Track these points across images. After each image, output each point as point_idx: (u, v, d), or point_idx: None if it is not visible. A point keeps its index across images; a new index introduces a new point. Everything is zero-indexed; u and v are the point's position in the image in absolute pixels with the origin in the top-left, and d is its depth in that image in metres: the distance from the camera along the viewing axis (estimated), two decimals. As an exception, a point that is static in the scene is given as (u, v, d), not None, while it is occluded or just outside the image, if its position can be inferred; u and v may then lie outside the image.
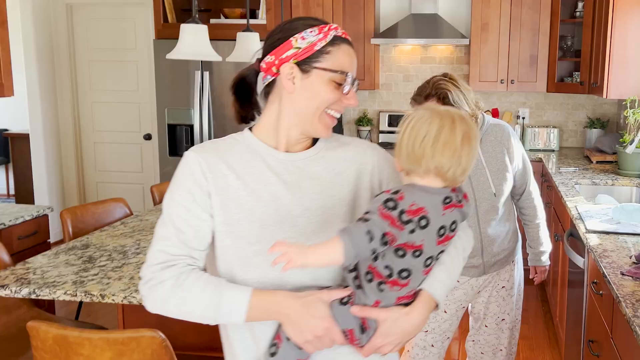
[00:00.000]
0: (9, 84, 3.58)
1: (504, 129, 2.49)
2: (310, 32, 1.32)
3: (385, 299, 1.28)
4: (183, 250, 1.32)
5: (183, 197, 1.33)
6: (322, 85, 1.32)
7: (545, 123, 5.28)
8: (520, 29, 4.88)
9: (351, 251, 1.21)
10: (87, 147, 6.03)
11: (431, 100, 2.30)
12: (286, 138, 1.39)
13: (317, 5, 5.13)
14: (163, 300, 1.30)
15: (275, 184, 1.35)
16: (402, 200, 1.23)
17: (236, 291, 1.28)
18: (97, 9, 5.74)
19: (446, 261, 1.36)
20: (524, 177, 2.57)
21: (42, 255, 2.41)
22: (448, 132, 1.25)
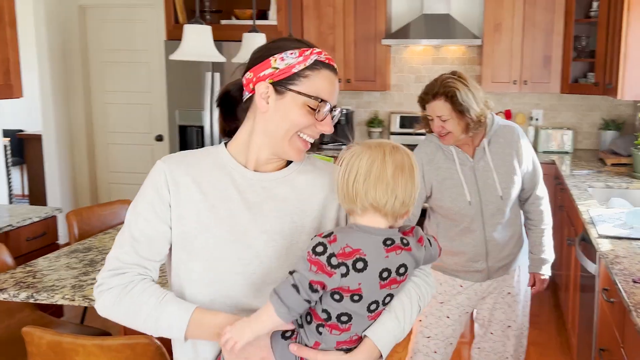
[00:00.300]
0: (18, 85, 3.59)
1: (513, 130, 2.43)
2: (291, 54, 1.31)
3: (324, 341, 1.25)
4: (135, 260, 1.32)
5: (143, 207, 1.33)
6: (295, 108, 1.30)
7: (559, 125, 5.20)
8: (533, 29, 4.81)
9: (282, 309, 1.19)
10: (100, 148, 6.04)
11: (439, 99, 2.25)
12: (256, 157, 1.37)
13: (328, 6, 5.10)
14: (109, 306, 1.31)
15: (236, 202, 1.34)
16: (334, 243, 1.20)
17: (178, 308, 1.28)
18: (109, 10, 5.75)
19: (396, 308, 1.30)
20: (533, 181, 2.50)
21: (43, 259, 2.40)
22: (379, 166, 1.23)
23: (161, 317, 1.27)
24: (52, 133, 5.74)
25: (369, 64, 5.12)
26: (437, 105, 2.26)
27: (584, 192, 3.46)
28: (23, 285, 2.13)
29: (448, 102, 2.24)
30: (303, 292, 1.18)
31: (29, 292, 2.06)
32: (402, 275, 1.26)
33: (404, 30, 4.97)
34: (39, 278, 2.20)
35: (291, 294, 1.18)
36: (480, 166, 2.37)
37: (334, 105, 1.35)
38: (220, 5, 5.29)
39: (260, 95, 1.31)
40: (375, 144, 1.26)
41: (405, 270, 1.26)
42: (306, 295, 1.18)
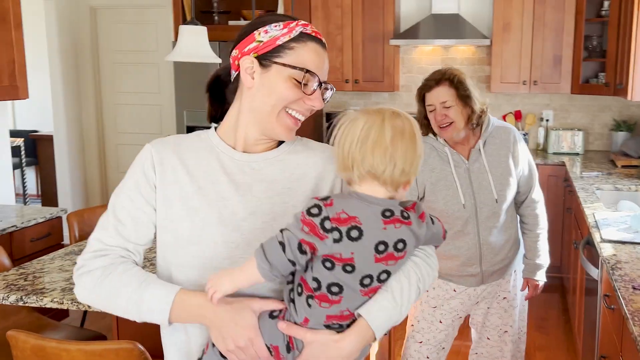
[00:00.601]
0: (24, 86, 3.62)
1: (509, 131, 2.39)
2: (275, 27, 1.26)
3: (313, 316, 1.18)
4: (118, 242, 1.29)
5: (129, 188, 1.30)
6: (280, 81, 1.26)
7: (570, 125, 5.12)
8: (543, 29, 4.73)
9: (264, 265, 1.14)
10: (110, 149, 6.07)
11: (443, 84, 2.23)
12: (244, 137, 1.32)
13: (336, 6, 5.07)
14: (90, 289, 1.27)
15: (225, 184, 1.30)
16: (330, 206, 1.14)
17: (161, 289, 1.23)
18: (120, 11, 5.78)
19: (393, 288, 1.23)
20: (529, 184, 2.46)
21: (37, 261, 2.40)
22: (377, 130, 1.16)
23: (143, 299, 1.22)
24: (63, 134, 5.78)
25: (377, 65, 5.08)
26: (440, 91, 2.24)
27: (591, 195, 3.40)
28: (14, 287, 2.13)
29: (452, 87, 2.23)
30: (289, 252, 1.13)
31: (19, 294, 2.06)
32: (400, 251, 1.19)
33: (413, 31, 4.93)
34: (30, 280, 2.20)
35: (276, 251, 1.13)
36: (475, 168, 2.33)
37: (324, 80, 1.30)
38: (229, 6, 5.29)
39: (245, 70, 1.27)
40: (374, 110, 1.21)
41: (404, 246, 1.19)
42: (292, 255, 1.13)
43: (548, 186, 4.63)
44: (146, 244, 1.33)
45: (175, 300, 1.21)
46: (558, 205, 4.61)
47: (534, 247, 2.52)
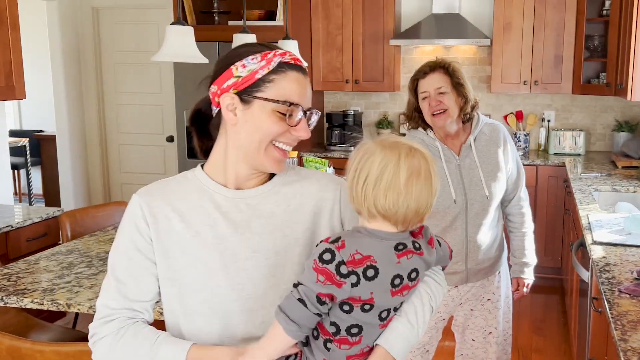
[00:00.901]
0: (20, 87, 3.62)
1: (499, 128, 2.39)
2: (252, 60, 1.22)
3: (333, 358, 1.15)
4: (123, 304, 1.26)
5: (125, 246, 1.27)
6: (264, 116, 1.22)
7: (572, 126, 5.07)
8: (544, 29, 4.69)
9: (292, 327, 1.10)
10: (112, 149, 6.09)
11: (438, 71, 2.23)
12: (235, 174, 1.28)
13: (337, 6, 5.05)
14: (104, 357, 1.25)
15: (222, 225, 1.26)
16: (343, 249, 1.10)
17: (173, 348, 1.20)
18: (122, 11, 5.79)
19: (408, 312, 1.21)
20: (517, 183, 2.45)
21: (23, 261, 2.40)
22: (392, 171, 1.12)
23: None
24: (65, 134, 5.81)
25: (377, 65, 5.06)
26: (435, 77, 2.23)
27: (587, 196, 3.36)
28: (-5, 288, 2.13)
29: (447, 75, 2.22)
30: (311, 306, 1.09)
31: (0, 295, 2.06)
32: (413, 280, 1.18)
33: (414, 30, 4.90)
34: (13, 281, 2.20)
35: (298, 309, 1.10)
36: (466, 164, 2.31)
37: (308, 107, 1.27)
38: (229, 6, 5.29)
39: (227, 107, 1.24)
40: (391, 144, 1.16)
41: (417, 275, 1.18)
42: (315, 309, 1.10)
43: (548, 187, 4.60)
44: (152, 299, 1.30)
45: (188, 357, 1.19)
46: (558, 207, 4.57)
47: (521, 246, 2.50)
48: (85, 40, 5.87)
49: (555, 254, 4.66)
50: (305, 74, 1.27)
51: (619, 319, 1.77)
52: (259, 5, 5.06)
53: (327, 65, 5.15)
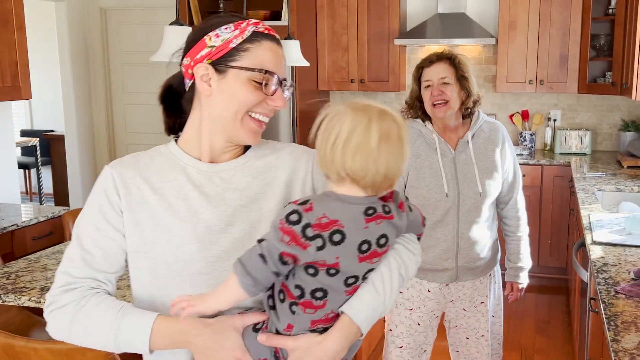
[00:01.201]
0: (26, 87, 3.66)
1: (498, 128, 2.37)
2: (225, 29, 1.21)
3: (297, 322, 1.14)
4: (87, 273, 1.23)
5: (93, 216, 1.24)
6: (239, 85, 1.21)
7: (578, 125, 5.04)
8: (549, 28, 4.67)
9: (247, 280, 1.09)
10: (120, 149, 6.14)
11: (443, 62, 2.22)
12: (209, 147, 1.26)
13: (342, 6, 5.06)
14: (64, 326, 1.21)
15: (195, 198, 1.24)
16: (310, 212, 1.08)
17: (138, 317, 1.18)
18: (129, 12, 5.83)
19: (374, 279, 1.17)
20: (513, 185, 2.42)
21: (23, 260, 2.43)
22: (362, 132, 1.08)
23: (121, 330, 1.17)
24: (74, 133, 5.86)
25: (382, 64, 5.06)
26: (440, 67, 2.22)
27: (590, 196, 3.34)
28: (-6, 286, 2.16)
29: (452, 66, 2.21)
30: (271, 264, 1.08)
31: (-2, 293, 2.09)
32: (382, 246, 1.15)
33: (419, 30, 4.90)
34: (12, 279, 2.23)
35: (258, 264, 1.08)
36: (461, 159, 2.29)
37: (284, 77, 1.26)
38: (235, 6, 5.31)
39: (201, 78, 1.22)
40: (362, 107, 1.12)
41: (386, 241, 1.15)
42: (274, 267, 1.08)
43: (554, 187, 4.58)
44: (117, 271, 1.27)
45: (154, 328, 1.17)
46: (563, 206, 4.55)
47: (517, 250, 2.48)
48: (93, 41, 5.92)
49: (560, 254, 4.63)
50: (279, 44, 1.26)
51: (613, 319, 1.77)
52: (264, 5, 5.08)
53: (332, 64, 5.16)
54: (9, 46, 3.50)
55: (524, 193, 4.59)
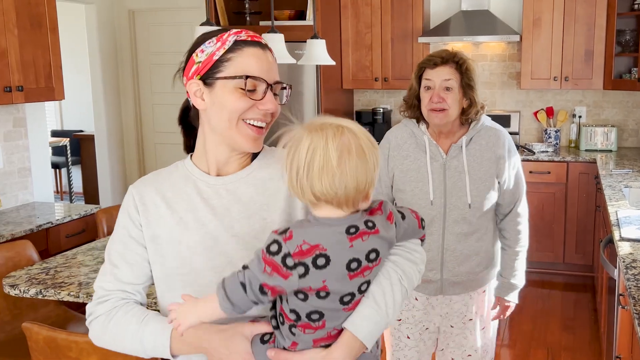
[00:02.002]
0: (59, 88, 3.76)
1: (500, 135, 2.15)
2: (209, 44, 1.27)
3: (300, 341, 1.18)
4: (117, 286, 1.33)
5: (119, 233, 1.35)
6: (227, 94, 1.26)
7: (604, 122, 5.02)
8: (574, 24, 4.65)
9: (226, 304, 1.13)
10: (149, 148, 6.24)
11: (449, 65, 2.04)
12: (215, 159, 1.33)
13: (366, 5, 5.09)
14: (99, 335, 1.33)
15: (203, 210, 1.32)
16: (290, 240, 1.09)
17: (159, 325, 1.27)
18: (157, 13, 5.92)
19: (374, 293, 1.19)
20: (514, 196, 2.20)
21: (61, 256, 2.52)
22: (321, 154, 1.09)
23: (144, 337, 1.27)
24: (103, 133, 5.97)
25: (406, 62, 5.08)
26: (445, 70, 2.03)
27: (617, 193, 3.34)
28: (34, 281, 2.24)
29: (458, 72, 2.04)
30: (250, 293, 1.11)
31: (39, 288, 2.17)
32: (374, 260, 1.15)
33: (442, 27, 4.91)
34: (51, 275, 2.31)
35: (238, 292, 1.11)
36: (452, 165, 2.10)
37: (275, 81, 1.29)
38: (261, 7, 5.37)
39: (194, 94, 1.28)
40: (317, 127, 1.12)
41: (377, 255, 1.15)
42: (253, 296, 1.11)
43: (579, 184, 4.57)
44: (145, 282, 1.36)
45: (173, 334, 1.25)
46: (589, 203, 4.53)
47: (511, 265, 2.25)
48: (122, 42, 6.02)
49: (586, 252, 4.62)
50: (264, 49, 1.29)
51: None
52: (289, 5, 5.13)
53: (356, 63, 5.20)
54: (43, 48, 3.60)
55: (549, 190, 4.64)
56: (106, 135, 5.97)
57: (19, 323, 2.65)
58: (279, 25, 4.98)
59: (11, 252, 2.66)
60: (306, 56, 3.55)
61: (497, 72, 5.20)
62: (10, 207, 3.77)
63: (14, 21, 3.38)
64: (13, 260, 2.65)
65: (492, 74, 5.21)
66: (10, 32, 3.34)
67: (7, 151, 3.82)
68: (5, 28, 3.30)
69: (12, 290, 2.19)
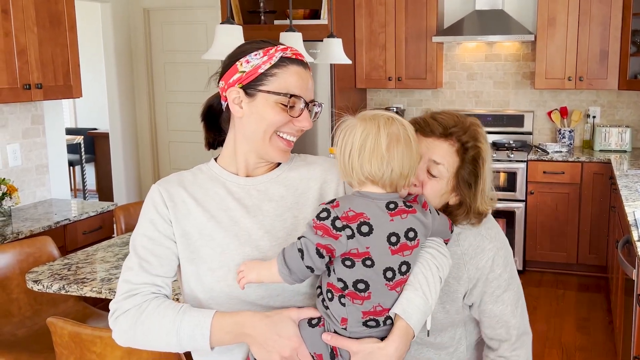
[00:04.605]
0: (77, 86, 3.79)
1: (484, 248, 1.50)
2: (255, 55, 1.31)
3: (350, 314, 1.22)
4: (146, 279, 1.31)
5: (146, 227, 1.34)
6: (267, 108, 1.31)
7: (618, 122, 5.00)
8: (589, 23, 4.64)
9: (284, 270, 1.21)
10: (162, 146, 6.28)
11: (449, 142, 1.42)
12: (245, 163, 1.38)
13: (380, 4, 5.10)
14: (128, 330, 1.29)
15: (236, 209, 1.35)
16: (337, 207, 1.21)
17: (198, 314, 1.26)
18: (171, 12, 5.96)
19: (422, 284, 1.26)
20: (495, 331, 1.54)
21: (82, 252, 2.55)
22: (373, 139, 1.22)
23: (182, 328, 1.24)
24: (118, 131, 6.02)
25: (420, 62, 5.09)
26: (440, 147, 1.42)
27: (633, 193, 3.34)
28: (57, 277, 2.27)
29: (458, 156, 1.42)
30: (307, 258, 1.19)
31: (61, 283, 2.20)
32: (412, 239, 1.25)
33: (457, 27, 4.92)
34: (73, 270, 2.34)
35: (295, 258, 1.20)
36: None
37: (311, 100, 1.35)
38: (275, 6, 5.39)
39: (233, 101, 1.33)
40: (370, 117, 1.25)
41: (415, 235, 1.25)
42: (310, 261, 1.19)
43: (594, 184, 4.56)
44: (172, 276, 1.36)
45: (213, 323, 1.23)
46: (603, 204, 4.53)
47: None
48: (137, 41, 6.06)
49: (600, 252, 4.61)
50: (306, 68, 1.35)
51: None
52: (304, 4, 5.15)
53: (370, 62, 5.21)
54: (61, 46, 3.63)
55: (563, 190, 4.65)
56: (120, 133, 6.02)
57: (39, 318, 2.68)
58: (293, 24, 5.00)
59: (32, 248, 2.70)
60: (322, 55, 3.57)
61: (511, 72, 5.19)
62: (28, 203, 3.82)
63: (34, 19, 3.41)
64: (34, 255, 2.68)
65: (506, 73, 5.21)
66: (30, 30, 3.38)
67: (26, 148, 3.87)
68: (25, 26, 3.34)
69: (35, 285, 2.22)
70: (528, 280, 4.70)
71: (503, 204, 4.70)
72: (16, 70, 3.28)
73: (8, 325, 2.62)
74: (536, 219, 4.74)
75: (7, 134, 3.71)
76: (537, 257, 4.81)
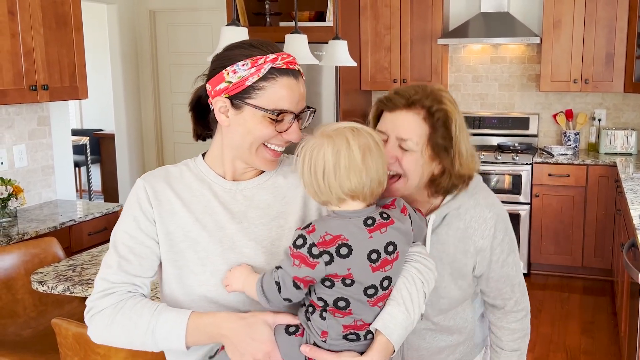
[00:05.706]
0: (83, 87, 3.81)
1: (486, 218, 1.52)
2: (242, 66, 1.25)
3: (330, 327, 1.22)
4: (124, 278, 1.29)
5: (128, 225, 1.31)
6: (255, 122, 1.27)
7: (624, 125, 4.99)
8: (595, 26, 4.63)
9: (262, 299, 1.21)
10: (168, 147, 6.30)
11: (415, 110, 1.40)
12: (232, 168, 1.35)
13: (385, 6, 5.11)
14: (103, 329, 1.27)
15: (221, 214, 1.32)
16: (313, 232, 1.18)
17: (174, 314, 1.24)
18: (177, 14, 5.98)
19: (404, 299, 1.24)
20: (500, 292, 1.60)
21: (86, 253, 2.56)
22: (346, 155, 1.18)
23: (157, 328, 1.23)
24: (123, 132, 6.04)
25: (425, 64, 5.09)
26: (406, 119, 1.40)
27: (639, 196, 3.33)
28: (62, 278, 2.28)
29: (427, 124, 1.39)
30: (284, 291, 1.18)
31: (66, 284, 2.21)
32: (392, 253, 1.22)
33: (462, 29, 4.91)
34: (77, 272, 2.35)
35: (273, 290, 1.20)
36: None
37: (301, 109, 1.30)
38: (281, 7, 5.40)
39: (219, 110, 1.28)
40: (334, 132, 1.21)
41: (394, 249, 1.22)
42: (287, 293, 1.19)
43: (599, 187, 4.55)
44: (152, 276, 1.33)
45: (189, 323, 1.22)
46: (609, 207, 4.51)
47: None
48: (143, 42, 6.08)
49: (605, 255, 4.60)
50: (297, 77, 1.29)
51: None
52: (309, 6, 5.15)
53: (375, 65, 5.21)
54: (68, 47, 3.64)
55: (569, 193, 4.64)
56: (126, 134, 6.04)
57: (44, 319, 2.69)
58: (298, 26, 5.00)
59: (37, 249, 2.71)
60: (328, 57, 3.57)
61: (517, 74, 5.19)
62: (34, 204, 3.83)
63: (40, 20, 3.43)
64: (39, 257, 2.69)
65: (512, 76, 5.20)
66: (36, 31, 3.39)
67: (32, 149, 3.88)
68: (31, 27, 3.36)
69: (40, 286, 2.23)
70: (533, 283, 4.69)
71: (508, 206, 4.69)
72: (22, 72, 3.30)
73: (13, 325, 2.63)
74: (541, 221, 4.74)
75: (13, 135, 3.73)
76: (542, 260, 4.81)
